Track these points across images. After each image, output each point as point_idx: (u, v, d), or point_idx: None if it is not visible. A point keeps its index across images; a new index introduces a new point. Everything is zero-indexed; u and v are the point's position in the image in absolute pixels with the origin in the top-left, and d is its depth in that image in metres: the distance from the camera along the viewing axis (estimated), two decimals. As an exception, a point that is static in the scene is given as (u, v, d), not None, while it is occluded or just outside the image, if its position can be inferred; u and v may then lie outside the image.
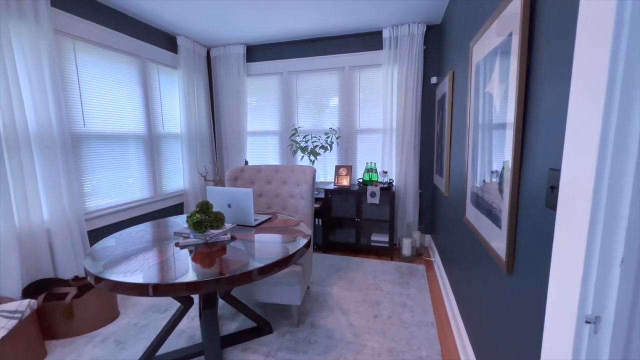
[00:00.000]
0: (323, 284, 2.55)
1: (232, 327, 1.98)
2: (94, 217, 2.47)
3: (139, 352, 1.76)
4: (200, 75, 3.58)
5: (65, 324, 1.88)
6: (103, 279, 1.18)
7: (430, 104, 3.25)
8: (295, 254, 1.42)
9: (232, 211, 1.82)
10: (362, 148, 3.50)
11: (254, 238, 1.62)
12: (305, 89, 3.60)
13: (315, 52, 3.50)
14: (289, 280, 1.86)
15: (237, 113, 3.70)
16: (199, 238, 1.53)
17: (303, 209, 2.30)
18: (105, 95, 2.58)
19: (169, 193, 3.31)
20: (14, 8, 1.86)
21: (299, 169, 2.41)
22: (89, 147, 2.45)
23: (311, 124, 3.64)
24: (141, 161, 2.97)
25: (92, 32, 2.43)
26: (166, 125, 3.26)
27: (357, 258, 3.10)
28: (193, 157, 3.50)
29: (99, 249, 1.46)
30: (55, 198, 2.09)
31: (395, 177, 3.29)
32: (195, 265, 1.27)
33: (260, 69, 3.69)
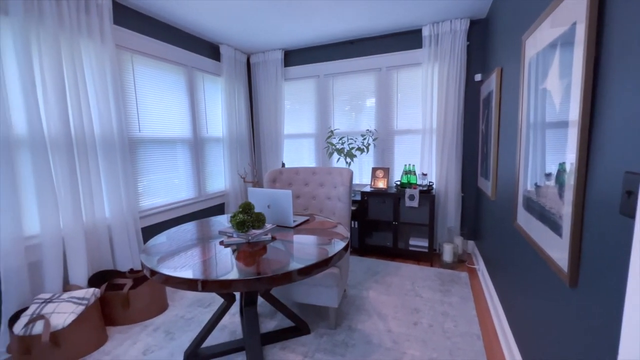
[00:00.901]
0: (359, 287, 2.52)
1: (270, 325, 2.02)
2: (146, 215, 2.68)
3: (185, 343, 1.87)
4: (240, 81, 3.74)
5: (122, 312, 2.06)
6: (157, 272, 1.27)
7: (473, 103, 3.08)
8: (334, 256, 1.42)
9: (271, 212, 1.87)
10: (399, 149, 3.41)
11: (293, 239, 1.65)
12: (342, 91, 3.60)
13: (352, 53, 3.49)
14: (327, 282, 1.86)
15: (275, 116, 3.80)
16: (242, 237, 1.59)
17: (340, 211, 2.30)
18: (157, 103, 2.79)
19: (212, 194, 3.49)
20: (84, 28, 2.09)
21: (336, 171, 2.42)
22: (143, 151, 2.67)
23: (347, 126, 3.62)
24: (187, 163, 3.16)
25: (147, 45, 2.65)
26: (210, 130, 3.45)
27: (394, 262, 3.03)
28: (233, 160, 3.65)
29: (152, 245, 1.58)
30: (115, 197, 2.30)
31: (436, 179, 3.16)
32: (239, 264, 1.32)
33: (297, 73, 3.76)
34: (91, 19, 2.13)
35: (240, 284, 1.20)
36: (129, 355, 1.77)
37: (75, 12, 2.03)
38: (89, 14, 2.12)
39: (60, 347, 1.69)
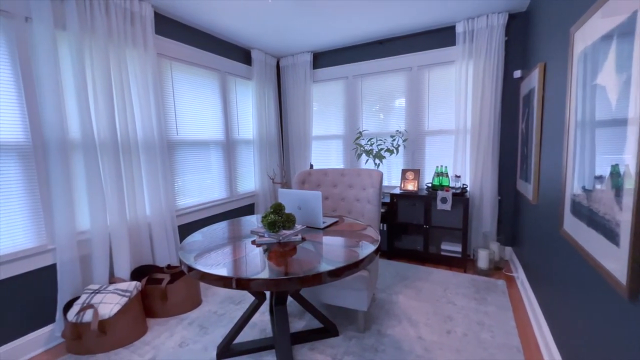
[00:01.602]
0: (389, 291, 2.47)
1: (299, 326, 2.04)
2: (181, 214, 2.82)
3: (218, 338, 1.94)
4: (270, 84, 3.82)
5: (161, 305, 2.17)
6: (194, 268, 1.32)
7: (512, 101, 2.92)
8: (365, 258, 1.40)
9: (301, 213, 1.89)
10: (431, 151, 3.31)
11: (322, 240, 1.65)
12: (371, 91, 3.56)
13: (381, 53, 3.44)
14: (356, 285, 1.85)
15: (303, 118, 3.84)
16: (273, 237, 1.62)
17: (369, 213, 2.27)
18: (192, 107, 2.93)
19: (242, 194, 3.59)
20: (129, 39, 2.24)
21: (365, 172, 2.39)
22: (179, 153, 2.81)
23: (376, 127, 3.58)
24: (220, 165, 3.28)
25: (184, 52, 2.79)
26: (241, 132, 3.56)
27: (425, 267, 2.93)
28: (263, 161, 3.74)
29: (189, 243, 1.65)
30: (155, 196, 2.44)
31: (470, 181, 3.03)
32: (270, 264, 1.35)
33: (325, 74, 3.77)
34: (136, 30, 2.28)
35: (272, 283, 1.22)
36: (166, 346, 1.87)
37: (122, 24, 2.19)
38: (134, 25, 2.28)
39: (106, 334, 1.82)
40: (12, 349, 1.77)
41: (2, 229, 1.73)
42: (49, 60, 1.80)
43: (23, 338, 1.82)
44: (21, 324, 1.82)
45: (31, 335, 1.85)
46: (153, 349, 1.85)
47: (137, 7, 2.28)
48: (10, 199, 1.76)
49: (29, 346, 1.84)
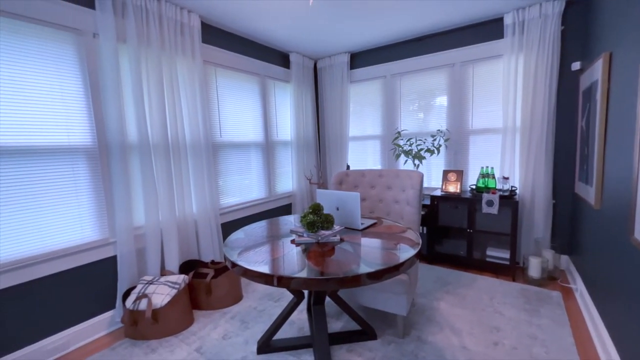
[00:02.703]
0: (429, 297, 2.38)
1: (336, 326, 2.04)
2: (223, 212, 2.96)
3: (258, 332, 2.00)
4: (308, 86, 3.87)
5: (205, 298, 2.30)
6: (238, 265, 1.38)
7: (569, 96, 2.66)
8: (406, 262, 1.37)
9: (339, 214, 1.89)
10: (475, 151, 3.13)
11: (361, 242, 1.63)
12: (409, 90, 3.46)
13: (421, 51, 3.33)
14: (396, 289, 1.80)
15: (340, 119, 3.85)
16: (312, 237, 1.64)
17: (408, 216, 2.20)
18: (235, 110, 3.07)
19: (280, 194, 3.68)
20: (179, 48, 2.41)
21: (405, 173, 2.33)
22: (223, 154, 2.96)
23: (415, 127, 3.47)
24: (259, 166, 3.40)
25: (227, 58, 2.93)
26: (279, 134, 3.65)
27: (468, 273, 2.78)
28: (300, 162, 3.80)
29: (232, 240, 1.73)
30: (201, 195, 2.59)
31: (519, 183, 2.82)
32: (310, 263, 1.36)
33: (363, 74, 3.74)
34: (185, 39, 2.45)
35: (312, 282, 1.24)
36: (211, 337, 1.97)
37: (173, 35, 2.36)
38: (184, 36, 2.44)
39: (158, 323, 1.97)
40: (81, 330, 1.98)
41: (74, 223, 1.95)
42: (111, 71, 2.00)
43: (90, 320, 2.03)
44: (88, 309, 2.03)
45: (96, 318, 2.06)
46: (199, 339, 1.97)
47: (186, 19, 2.44)
48: (80, 195, 1.98)
49: (94, 329, 2.05)
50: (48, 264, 1.84)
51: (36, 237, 1.80)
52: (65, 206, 1.92)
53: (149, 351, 1.87)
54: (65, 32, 1.89)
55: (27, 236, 1.77)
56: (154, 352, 1.85)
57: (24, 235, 1.76)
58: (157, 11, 2.23)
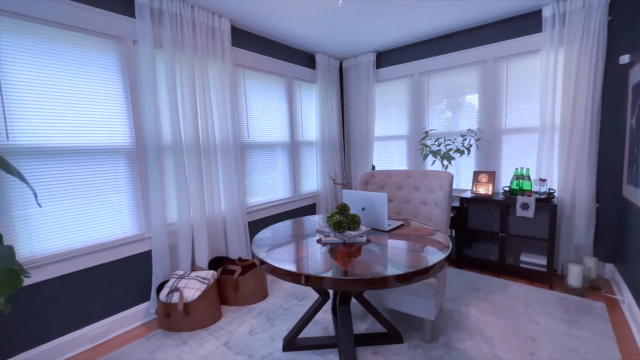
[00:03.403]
0: (458, 302, 2.30)
1: (361, 328, 2.02)
2: (250, 211, 3.03)
3: (283, 330, 2.03)
4: (333, 86, 3.88)
5: (233, 294, 2.37)
6: (266, 262, 1.41)
7: (617, 92, 2.46)
8: (435, 265, 1.33)
9: (366, 214, 1.87)
10: (508, 151, 2.99)
11: (388, 243, 1.61)
12: (438, 89, 3.37)
13: (451, 48, 3.23)
14: (424, 292, 1.76)
15: (366, 119, 3.81)
16: (338, 238, 1.64)
17: (437, 218, 2.14)
18: (262, 111, 3.13)
19: (305, 194, 3.71)
20: (211, 52, 2.50)
21: (433, 174, 2.27)
22: (250, 154, 3.03)
23: (444, 126, 3.37)
24: (285, 166, 3.44)
25: (255, 60, 3.00)
26: (304, 134, 3.68)
27: (500, 279, 2.65)
28: (325, 162, 3.81)
29: (260, 238, 1.77)
30: (229, 194, 2.67)
31: (558, 186, 2.65)
32: (337, 263, 1.36)
33: (389, 73, 3.69)
34: (216, 43, 2.53)
35: (339, 283, 1.24)
36: (238, 332, 2.03)
37: (205, 39, 2.45)
38: (215, 40, 2.53)
39: (189, 316, 2.05)
40: (119, 320, 2.11)
41: (115, 218, 2.08)
42: (149, 75, 2.11)
43: (127, 311, 2.16)
44: (125, 299, 2.16)
45: (132, 309, 2.19)
46: (227, 333, 2.03)
47: (217, 23, 2.53)
48: (120, 193, 2.11)
49: (130, 318, 2.17)
50: (92, 256, 1.97)
51: (82, 231, 1.94)
52: (107, 202, 2.05)
53: (180, 342, 1.95)
54: (108, 40, 2.02)
55: (74, 230, 1.91)
56: (185, 344, 1.93)
57: (72, 228, 1.90)
58: (190, 17, 2.33)
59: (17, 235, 1.71)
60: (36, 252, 1.77)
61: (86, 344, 1.96)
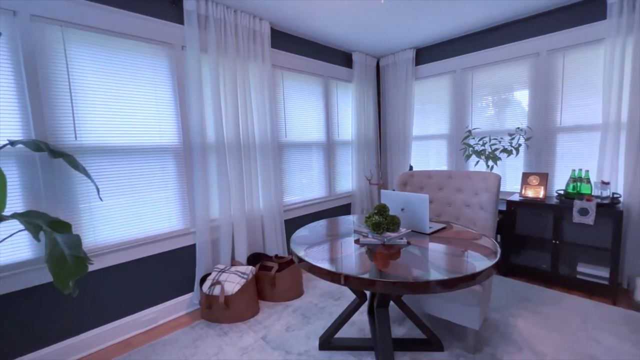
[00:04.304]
0: (504, 312, 2.15)
1: (399, 332, 1.97)
2: (286, 209, 3.08)
3: (319, 328, 2.04)
4: (369, 85, 3.82)
5: (270, 290, 2.42)
6: (304, 260, 1.42)
7: (701, 83, 2.15)
8: (483, 272, 1.25)
9: (405, 216, 1.82)
10: (563, 151, 2.74)
11: (429, 246, 1.55)
12: (483, 85, 3.18)
13: (498, 41, 3.03)
14: (467, 299, 1.67)
15: (404, 118, 3.71)
16: (377, 239, 1.61)
17: (482, 222, 2.02)
18: (299, 111, 3.17)
19: (340, 194, 3.70)
20: (252, 54, 2.58)
21: (479, 175, 2.14)
22: (287, 153, 3.08)
23: (488, 125, 3.17)
24: (320, 165, 3.46)
25: (293, 61, 3.05)
26: (340, 133, 3.67)
27: (553, 290, 2.44)
28: (361, 162, 3.77)
29: (298, 236, 1.79)
30: (267, 192, 2.74)
31: (624, 190, 2.38)
32: (376, 265, 1.34)
33: (429, 70, 3.55)
34: (256, 46, 2.61)
35: (378, 284, 1.21)
36: (275, 328, 2.07)
37: (246, 42, 2.53)
38: (255, 42, 2.61)
39: (229, 309, 2.13)
40: (166, 308, 2.26)
41: (163, 213, 2.23)
42: (195, 79, 2.23)
43: (173, 300, 2.30)
44: (172, 289, 2.30)
45: (178, 299, 2.33)
46: (264, 328, 2.08)
47: (258, 26, 2.60)
48: (168, 189, 2.25)
49: (176, 307, 2.31)
50: (143, 248, 2.13)
51: (135, 224, 2.10)
52: (157, 198, 2.20)
53: (221, 333, 2.04)
54: (160, 46, 2.16)
55: (128, 222, 2.08)
56: (226, 335, 2.02)
57: (126, 221, 2.07)
58: (233, 21, 2.42)
59: (82, 226, 1.89)
60: (98, 242, 1.95)
61: (138, 328, 2.12)
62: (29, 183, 1.70)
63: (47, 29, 1.73)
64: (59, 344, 1.82)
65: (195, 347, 1.91)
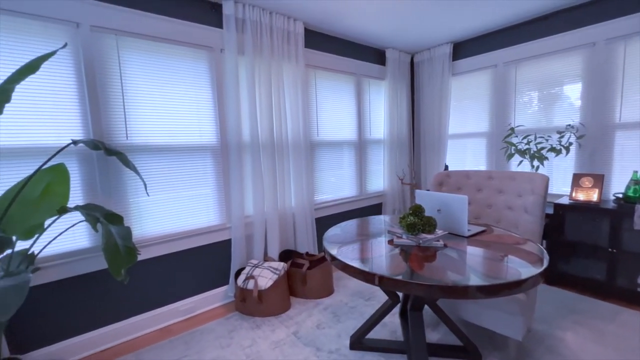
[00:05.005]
0: (550, 324, 2.00)
1: (432, 337, 1.91)
2: (317, 208, 3.10)
3: (349, 327, 2.03)
4: (403, 82, 3.73)
5: (301, 287, 2.46)
6: (338, 259, 1.42)
7: None
8: (529, 279, 1.17)
9: (441, 217, 1.75)
10: (623, 150, 2.48)
11: (467, 249, 1.48)
12: (528, 79, 2.97)
13: (546, 31, 2.81)
14: (509, 308, 1.57)
15: (439, 115, 3.57)
16: (411, 240, 1.57)
17: (526, 225, 1.89)
18: (330, 110, 3.17)
19: (371, 193, 3.65)
20: (286, 54, 2.63)
21: (523, 176, 2.01)
22: (318, 152, 3.10)
23: (533, 122, 2.96)
24: (351, 164, 3.44)
25: (325, 60, 3.05)
26: (372, 132, 3.62)
27: (608, 304, 2.22)
28: (393, 161, 3.69)
29: (330, 235, 1.79)
30: (299, 190, 2.78)
31: (698, 194, 2.10)
32: (412, 267, 1.30)
33: (467, 65, 3.39)
34: (290, 46, 2.65)
35: (415, 287, 1.18)
36: (306, 324, 2.10)
37: (281, 43, 2.58)
38: (289, 43, 2.65)
39: (262, 303, 2.20)
40: (203, 299, 2.37)
41: (202, 209, 2.35)
42: (232, 80, 2.31)
43: (210, 292, 2.42)
44: (208, 282, 2.42)
45: (214, 291, 2.44)
46: (296, 323, 2.12)
47: (292, 27, 2.64)
48: (207, 186, 2.36)
49: (212, 299, 2.42)
50: (183, 241, 2.25)
51: (177, 219, 2.24)
52: (197, 194, 2.32)
53: (254, 326, 2.10)
54: (201, 49, 2.27)
55: (171, 217, 2.21)
56: (259, 328, 2.08)
57: (169, 216, 2.20)
58: (268, 23, 2.48)
59: (131, 218, 2.04)
60: (144, 234, 2.10)
61: (178, 316, 2.25)
62: (87, 178, 1.87)
63: (103, 38, 1.89)
64: (109, 326, 1.99)
65: (230, 338, 1.99)
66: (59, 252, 1.81)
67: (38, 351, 1.77)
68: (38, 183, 1.54)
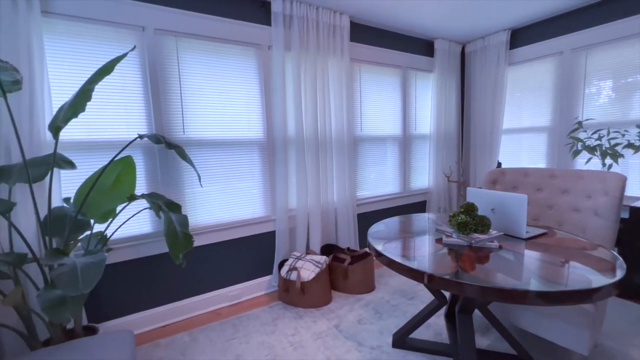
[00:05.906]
0: (621, 340, 1.79)
1: (482, 343, 1.81)
2: (359, 204, 3.08)
3: (391, 325, 2.00)
4: (452, 74, 3.53)
5: (342, 282, 2.47)
6: (383, 255, 1.40)
7: None
8: (601, 289, 1.06)
9: (496, 217, 1.64)
10: None
11: (525, 252, 1.37)
12: (600, 67, 2.65)
13: (622, 12, 2.47)
14: (574, 319, 1.44)
15: (492, 109, 3.33)
16: (462, 240, 1.49)
17: (596, 230, 1.70)
18: (375, 104, 3.12)
19: (414, 190, 3.54)
20: (331, 49, 2.63)
21: (593, 175, 1.81)
22: (361, 147, 3.07)
23: (605, 115, 2.64)
24: (395, 160, 3.35)
25: (371, 54, 3.00)
26: (418, 127, 3.49)
27: (696, 324, 1.93)
28: (439, 157, 3.53)
29: (374, 231, 1.77)
30: (341, 185, 2.78)
31: None
32: (463, 267, 1.24)
33: (527, 54, 3.11)
34: (336, 40, 2.64)
35: (468, 288, 1.12)
36: (347, 319, 2.11)
37: (326, 37, 2.58)
38: (335, 37, 2.64)
39: (305, 294, 2.25)
40: (249, 286, 2.49)
41: (249, 201, 2.45)
42: (279, 76, 2.37)
43: (255, 280, 2.53)
44: (254, 270, 2.53)
45: (259, 279, 2.55)
46: (337, 317, 2.14)
47: (338, 21, 2.63)
48: (254, 179, 2.46)
49: (257, 287, 2.53)
50: (232, 231, 2.38)
51: (226, 209, 2.37)
52: (245, 187, 2.43)
53: (297, 317, 2.17)
54: (250, 47, 2.36)
55: (221, 207, 2.34)
56: (301, 319, 2.13)
57: (220, 206, 2.34)
58: (314, 18, 2.50)
59: (187, 207, 2.21)
60: (198, 222, 2.26)
61: (226, 301, 2.40)
62: (150, 169, 2.06)
63: (165, 39, 2.04)
64: (168, 305, 2.18)
65: (274, 325, 2.07)
66: (126, 236, 2.01)
67: (110, 321, 2.00)
68: (111, 173, 1.73)
